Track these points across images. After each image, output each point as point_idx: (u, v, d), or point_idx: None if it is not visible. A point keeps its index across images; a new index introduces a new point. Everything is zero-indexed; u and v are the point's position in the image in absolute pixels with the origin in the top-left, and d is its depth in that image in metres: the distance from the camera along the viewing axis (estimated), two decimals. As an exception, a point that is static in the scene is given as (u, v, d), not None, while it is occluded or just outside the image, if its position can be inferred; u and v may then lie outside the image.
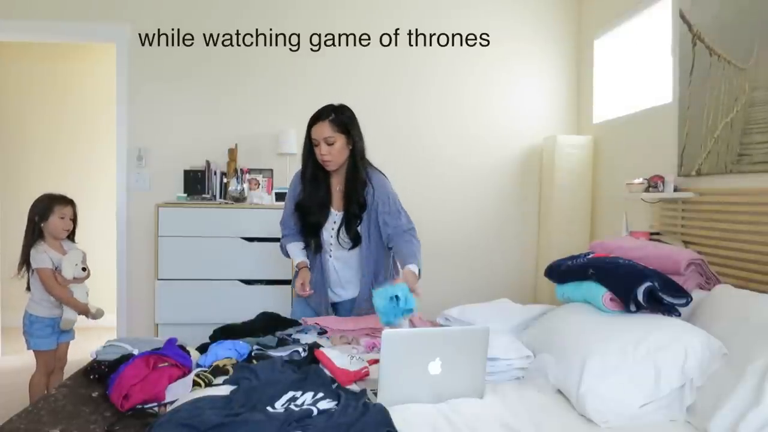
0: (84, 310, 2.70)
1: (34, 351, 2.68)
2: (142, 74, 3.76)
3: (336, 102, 2.36)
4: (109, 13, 3.73)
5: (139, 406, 1.53)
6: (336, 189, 2.36)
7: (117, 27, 3.72)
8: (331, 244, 2.37)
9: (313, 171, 2.32)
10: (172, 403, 1.53)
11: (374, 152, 3.83)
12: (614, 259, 2.04)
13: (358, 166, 2.30)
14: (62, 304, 2.65)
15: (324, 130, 2.23)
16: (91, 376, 1.78)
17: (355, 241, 2.33)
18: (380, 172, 2.40)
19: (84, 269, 2.70)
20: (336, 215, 2.35)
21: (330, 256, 2.39)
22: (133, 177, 3.77)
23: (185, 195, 3.57)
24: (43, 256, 2.61)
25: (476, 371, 1.62)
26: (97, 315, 2.75)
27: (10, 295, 3.88)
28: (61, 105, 4.86)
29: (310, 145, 2.30)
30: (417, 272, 2.16)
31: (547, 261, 2.48)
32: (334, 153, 2.24)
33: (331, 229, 2.35)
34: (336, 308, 2.47)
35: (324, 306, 2.43)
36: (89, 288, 2.77)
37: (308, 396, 1.49)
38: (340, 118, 2.26)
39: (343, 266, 2.40)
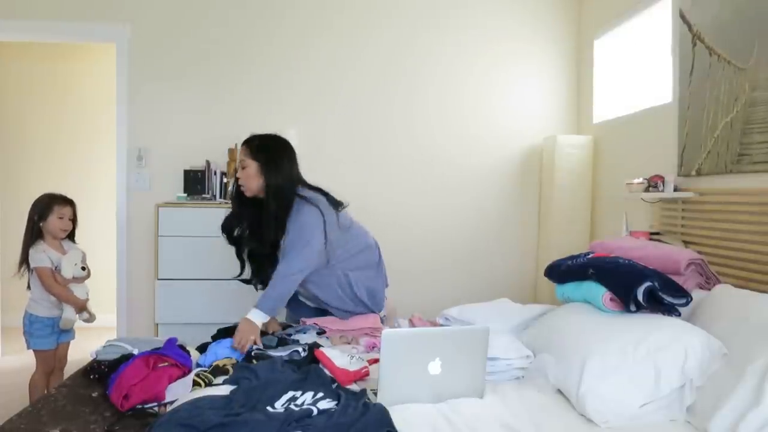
0: (83, 306, 2.70)
1: (33, 351, 2.68)
2: (142, 74, 3.75)
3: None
4: (109, 13, 3.72)
5: (139, 406, 1.53)
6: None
7: (117, 27, 3.72)
8: None
9: (237, 191, 2.33)
10: (172, 403, 1.53)
11: (374, 153, 3.87)
12: (614, 259, 2.04)
13: (269, 202, 2.21)
14: (62, 304, 2.65)
15: (241, 152, 2.27)
16: (91, 376, 1.79)
17: None
18: (310, 202, 2.25)
19: (84, 269, 2.70)
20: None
21: None
22: (133, 177, 3.76)
23: (185, 195, 3.57)
24: (41, 255, 2.61)
25: (476, 371, 1.62)
26: (90, 319, 2.75)
27: (10, 295, 3.87)
28: (61, 105, 4.86)
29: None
30: (255, 321, 2.08)
31: (547, 261, 2.48)
32: (245, 177, 2.25)
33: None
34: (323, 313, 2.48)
35: (305, 314, 2.46)
36: (89, 288, 2.78)
37: (308, 396, 1.49)
38: (257, 144, 2.26)
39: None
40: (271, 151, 2.26)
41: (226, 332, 2.17)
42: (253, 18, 3.82)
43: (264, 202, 2.24)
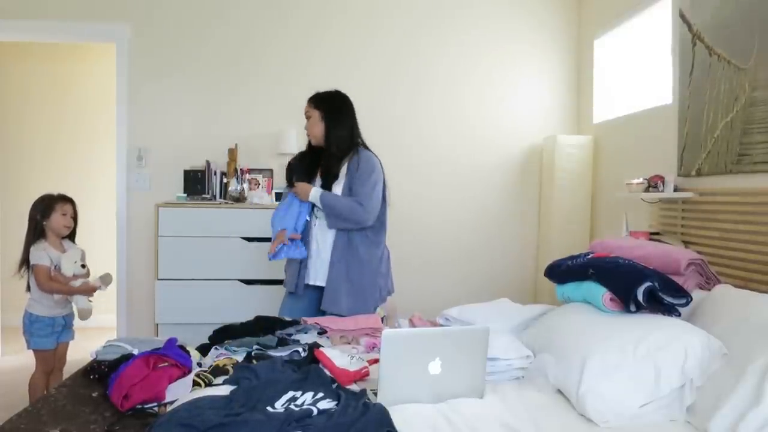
0: (90, 289, 2.71)
1: (33, 350, 2.68)
2: (142, 74, 3.75)
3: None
4: (109, 13, 3.73)
5: (139, 406, 1.53)
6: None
7: (117, 27, 3.72)
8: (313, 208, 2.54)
9: (309, 145, 2.63)
10: (172, 403, 1.53)
11: (375, 152, 3.86)
12: (614, 259, 2.04)
13: (330, 144, 2.50)
14: (66, 302, 2.65)
15: (306, 106, 2.57)
16: (91, 376, 1.78)
17: None
18: (374, 155, 2.57)
19: (83, 266, 2.71)
20: (317, 181, 2.55)
21: (315, 225, 2.52)
22: (133, 177, 3.77)
23: (185, 195, 3.57)
24: (41, 253, 2.62)
25: (476, 371, 1.62)
26: (106, 279, 2.76)
27: (10, 295, 3.87)
28: (61, 105, 4.86)
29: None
30: (310, 192, 2.44)
31: (547, 261, 2.48)
32: (309, 126, 2.55)
33: None
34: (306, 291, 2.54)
35: (296, 278, 2.52)
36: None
37: (308, 396, 1.49)
38: (320, 96, 2.56)
39: (320, 231, 2.52)
40: (330, 103, 2.55)
41: (225, 332, 2.17)
42: (253, 18, 3.82)
43: (324, 147, 2.52)
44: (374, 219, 2.47)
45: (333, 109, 2.54)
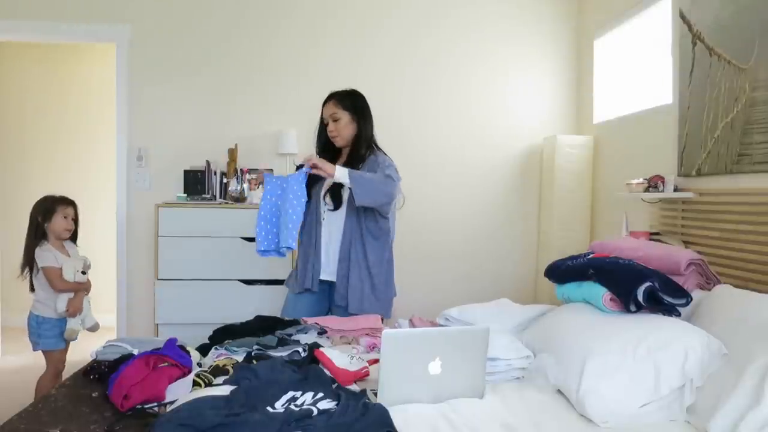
0: (88, 288, 2.74)
1: (43, 352, 2.67)
2: (142, 74, 3.75)
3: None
4: (109, 13, 3.73)
5: (139, 406, 1.53)
6: (338, 164, 2.50)
7: (117, 27, 3.72)
8: (321, 204, 2.48)
9: (322, 147, 2.54)
10: (172, 403, 1.53)
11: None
12: (614, 259, 2.04)
13: (360, 144, 2.47)
14: (68, 317, 2.65)
15: (330, 108, 2.48)
16: (91, 376, 1.78)
17: (336, 203, 2.45)
18: (387, 156, 2.54)
19: (84, 273, 2.70)
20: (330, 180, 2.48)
21: (323, 220, 2.49)
22: (134, 177, 3.77)
23: (185, 195, 3.57)
24: (48, 254, 2.62)
25: (476, 371, 1.62)
26: (93, 327, 2.77)
27: (10, 295, 3.87)
28: (61, 105, 4.86)
29: (321, 125, 2.54)
30: (335, 169, 2.26)
31: (547, 261, 2.48)
32: (339, 128, 2.47)
33: (323, 191, 2.47)
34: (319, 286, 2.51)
35: (308, 276, 2.48)
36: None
37: (308, 396, 1.49)
38: (346, 97, 2.49)
39: (330, 229, 2.49)
40: (357, 100, 2.52)
41: (225, 332, 2.17)
42: (253, 18, 3.82)
43: (355, 147, 2.48)
44: (397, 198, 2.42)
45: (362, 109, 2.51)
